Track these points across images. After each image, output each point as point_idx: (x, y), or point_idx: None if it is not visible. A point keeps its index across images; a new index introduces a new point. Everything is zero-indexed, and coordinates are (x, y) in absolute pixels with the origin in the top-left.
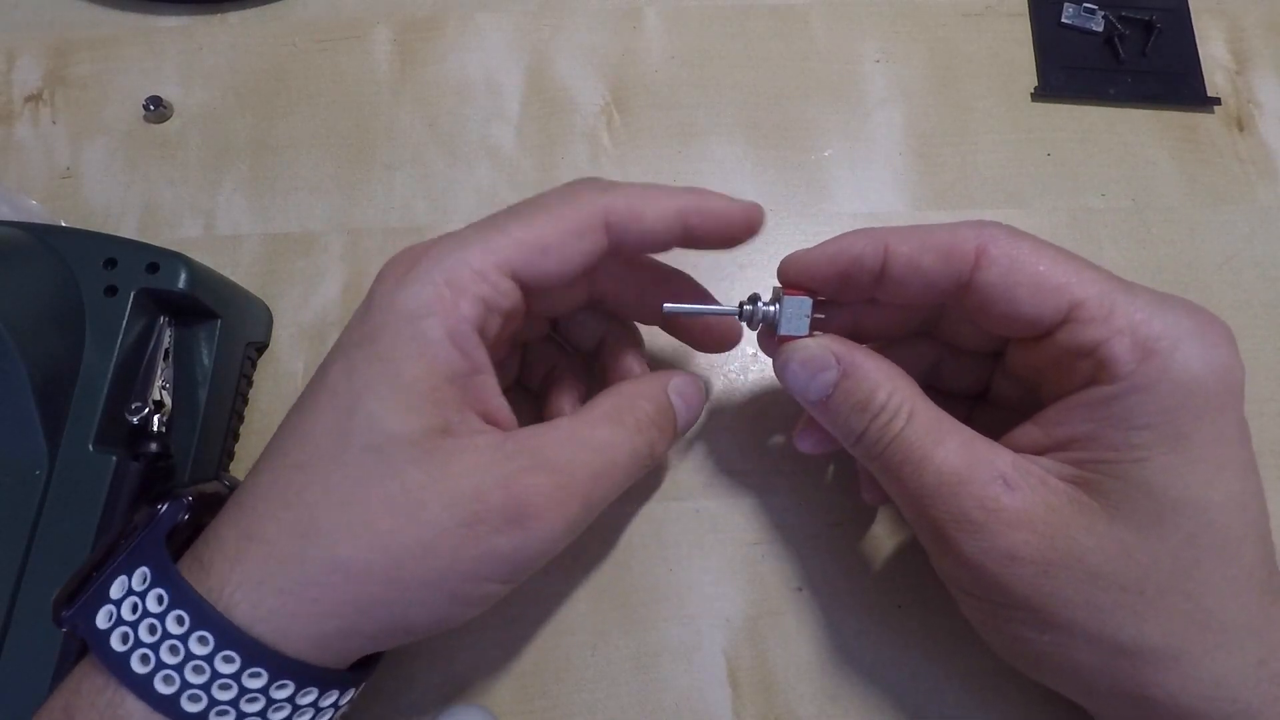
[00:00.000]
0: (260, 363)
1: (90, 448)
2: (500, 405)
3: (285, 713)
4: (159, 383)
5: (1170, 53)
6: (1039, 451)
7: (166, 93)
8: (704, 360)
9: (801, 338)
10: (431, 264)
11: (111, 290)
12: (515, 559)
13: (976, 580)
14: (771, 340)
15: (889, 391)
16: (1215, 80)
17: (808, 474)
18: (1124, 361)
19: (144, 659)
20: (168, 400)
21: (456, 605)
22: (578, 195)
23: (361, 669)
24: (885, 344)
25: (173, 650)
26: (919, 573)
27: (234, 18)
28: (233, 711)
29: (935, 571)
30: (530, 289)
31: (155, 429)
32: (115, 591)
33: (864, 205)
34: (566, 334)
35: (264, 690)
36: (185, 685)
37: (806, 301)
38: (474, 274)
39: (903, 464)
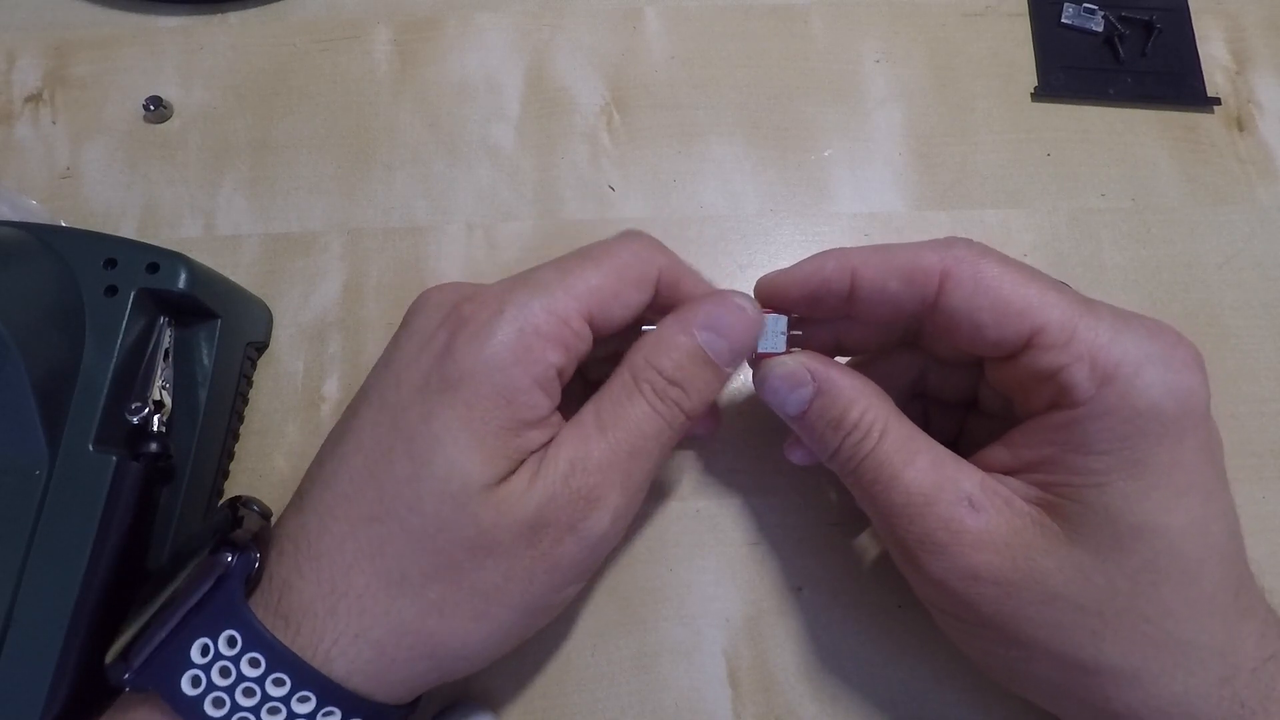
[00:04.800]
0: (260, 363)
1: (90, 448)
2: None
3: None
4: (159, 383)
5: (1170, 53)
6: (1008, 472)
7: (166, 93)
8: None
9: (779, 354)
10: (517, 311)
11: (111, 290)
12: (582, 560)
13: (942, 598)
14: (754, 361)
15: (862, 409)
16: (1215, 80)
17: (807, 474)
18: (1083, 388)
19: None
20: (168, 400)
21: (540, 617)
22: (638, 246)
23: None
24: (870, 356)
25: (273, 711)
26: None
27: (234, 18)
28: None
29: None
30: (597, 332)
31: (155, 429)
32: (198, 655)
33: (864, 205)
34: (584, 372)
35: None
36: None
37: (782, 319)
38: (559, 320)
39: (873, 482)
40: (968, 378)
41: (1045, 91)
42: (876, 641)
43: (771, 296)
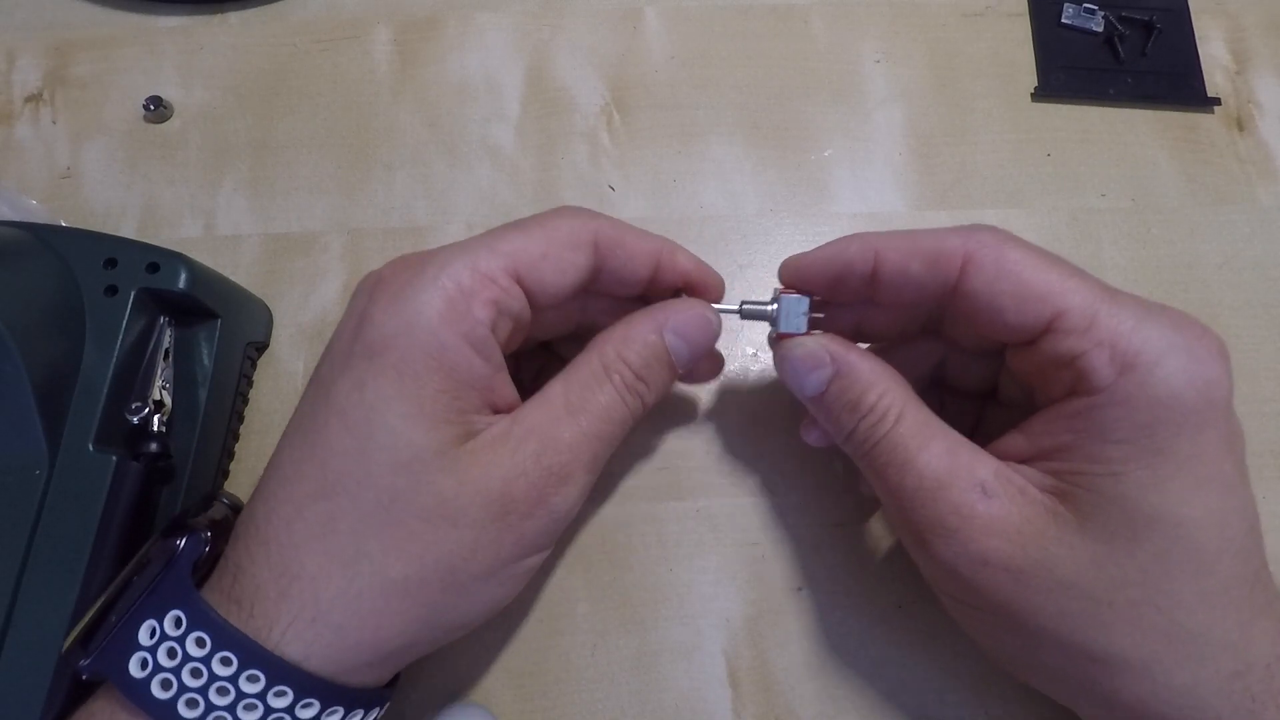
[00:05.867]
0: (260, 363)
1: (90, 448)
2: (512, 395)
3: None
4: (159, 383)
5: (1170, 53)
6: (1024, 460)
7: (166, 93)
8: None
9: (800, 335)
10: (438, 270)
11: (111, 290)
12: (546, 532)
13: (951, 583)
14: (773, 340)
15: (879, 393)
16: (1215, 80)
17: (808, 474)
18: (1102, 374)
19: (191, 703)
20: (168, 400)
21: (507, 587)
22: (568, 214)
23: (393, 680)
24: (891, 343)
25: (221, 691)
26: (919, 573)
27: (234, 18)
28: (253, 716)
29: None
30: (532, 296)
31: (155, 429)
32: (145, 637)
33: (864, 205)
34: (558, 352)
35: (315, 718)
36: None
37: (804, 300)
38: (483, 277)
39: (887, 465)
40: (988, 367)
41: (1045, 91)
42: (876, 641)
43: (795, 277)
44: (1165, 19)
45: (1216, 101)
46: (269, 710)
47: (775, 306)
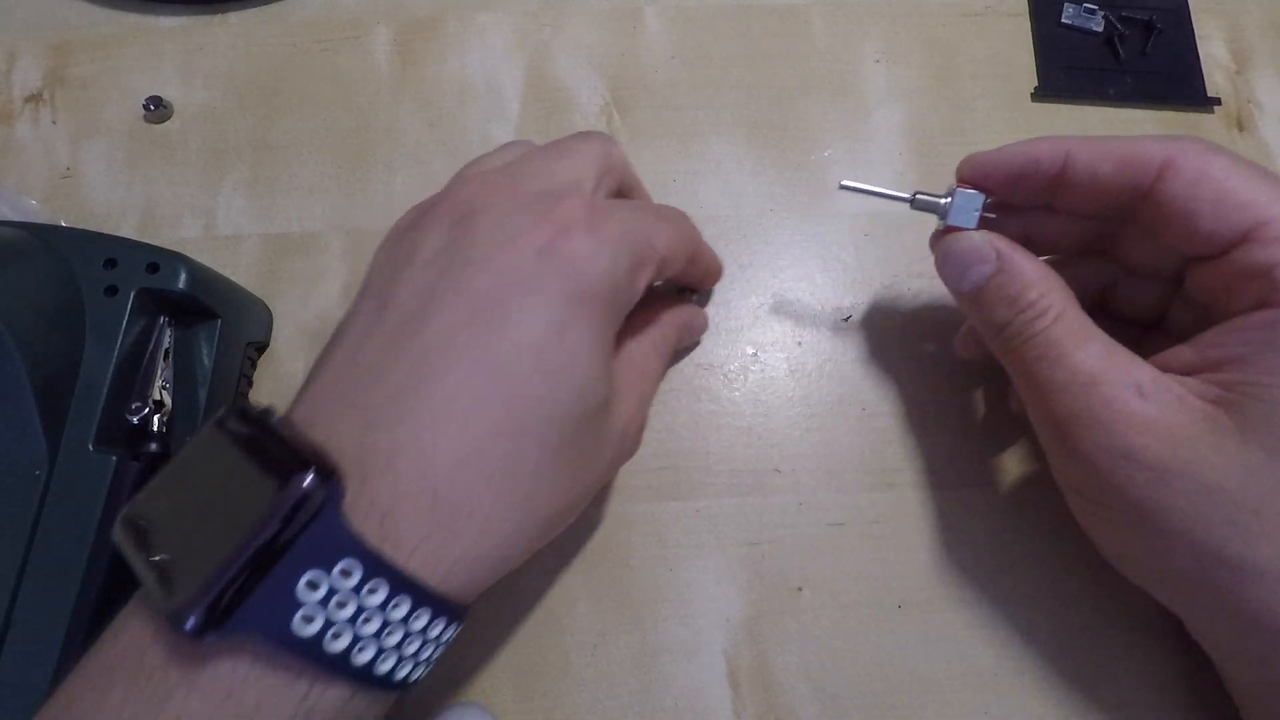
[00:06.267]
0: (260, 363)
1: (90, 448)
2: None
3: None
4: (159, 383)
5: (1170, 53)
6: (1186, 373)
7: (166, 93)
8: (703, 360)
9: (967, 230)
10: (634, 237)
11: (111, 290)
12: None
13: (1088, 478)
14: (939, 234)
15: (1041, 292)
16: (1215, 80)
17: (808, 474)
18: None
19: (362, 650)
20: (168, 400)
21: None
22: (685, 220)
23: None
24: (1058, 260)
25: (390, 633)
26: (919, 573)
27: (234, 18)
28: (413, 648)
29: (1053, 473)
30: None
31: (155, 429)
32: (305, 592)
33: (865, 205)
34: None
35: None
36: (401, 657)
37: (978, 196)
38: (653, 257)
39: (1040, 359)
40: (1157, 292)
41: (1045, 91)
42: (876, 641)
43: (975, 173)
44: (1165, 19)
45: (1216, 101)
46: (425, 640)
47: (948, 200)
